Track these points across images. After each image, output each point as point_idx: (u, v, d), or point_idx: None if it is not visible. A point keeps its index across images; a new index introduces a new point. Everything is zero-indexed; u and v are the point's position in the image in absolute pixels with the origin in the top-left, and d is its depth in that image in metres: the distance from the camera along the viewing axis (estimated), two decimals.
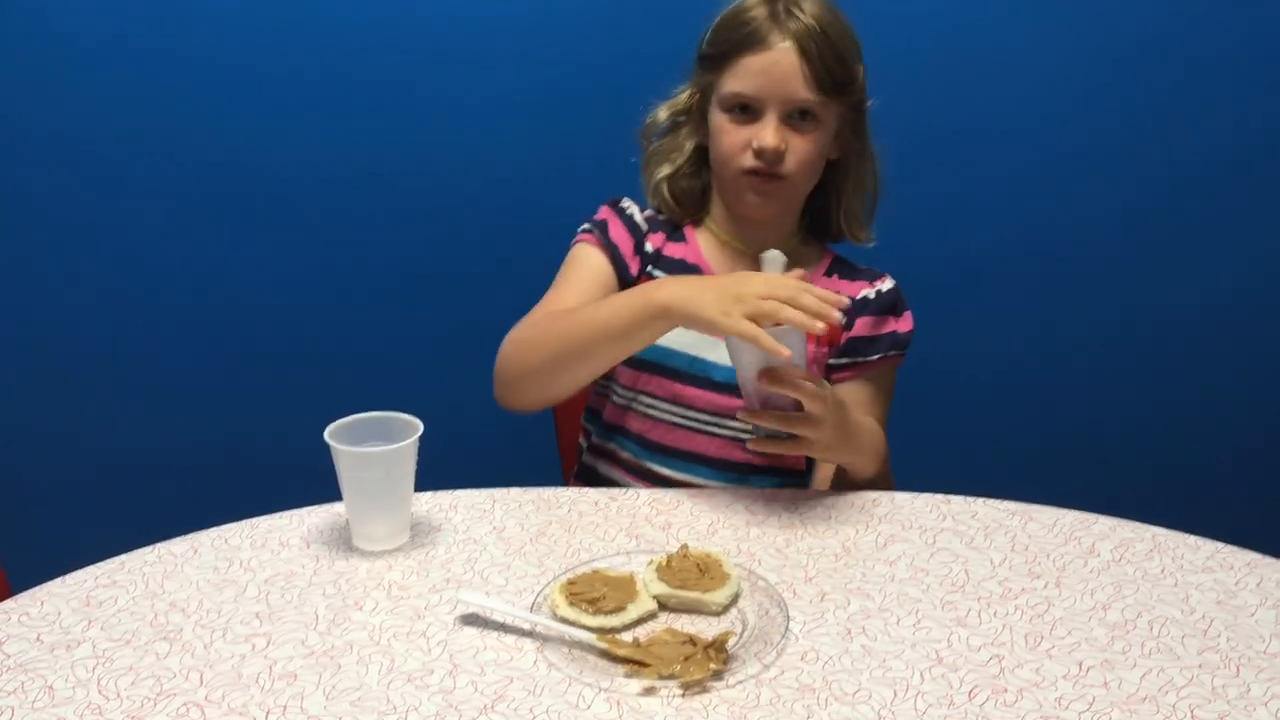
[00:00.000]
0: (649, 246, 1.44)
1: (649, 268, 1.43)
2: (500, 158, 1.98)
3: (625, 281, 1.42)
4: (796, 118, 1.34)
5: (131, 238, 2.01)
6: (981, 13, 1.94)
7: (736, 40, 1.33)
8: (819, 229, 1.49)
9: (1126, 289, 2.10)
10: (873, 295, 1.44)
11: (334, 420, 1.13)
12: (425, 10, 1.92)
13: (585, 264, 1.43)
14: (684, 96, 1.45)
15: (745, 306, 1.13)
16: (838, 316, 1.14)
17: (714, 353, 1.37)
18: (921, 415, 2.08)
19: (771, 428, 1.21)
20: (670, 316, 1.21)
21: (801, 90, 1.32)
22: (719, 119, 1.37)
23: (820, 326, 1.12)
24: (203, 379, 2.10)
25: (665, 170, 1.45)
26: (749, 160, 1.34)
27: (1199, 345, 2.13)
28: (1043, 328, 2.12)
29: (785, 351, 1.11)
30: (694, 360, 1.38)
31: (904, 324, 1.45)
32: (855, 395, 1.41)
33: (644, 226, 1.45)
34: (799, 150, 1.34)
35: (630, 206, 1.48)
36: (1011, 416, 2.17)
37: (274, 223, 2.02)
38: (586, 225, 1.46)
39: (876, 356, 1.42)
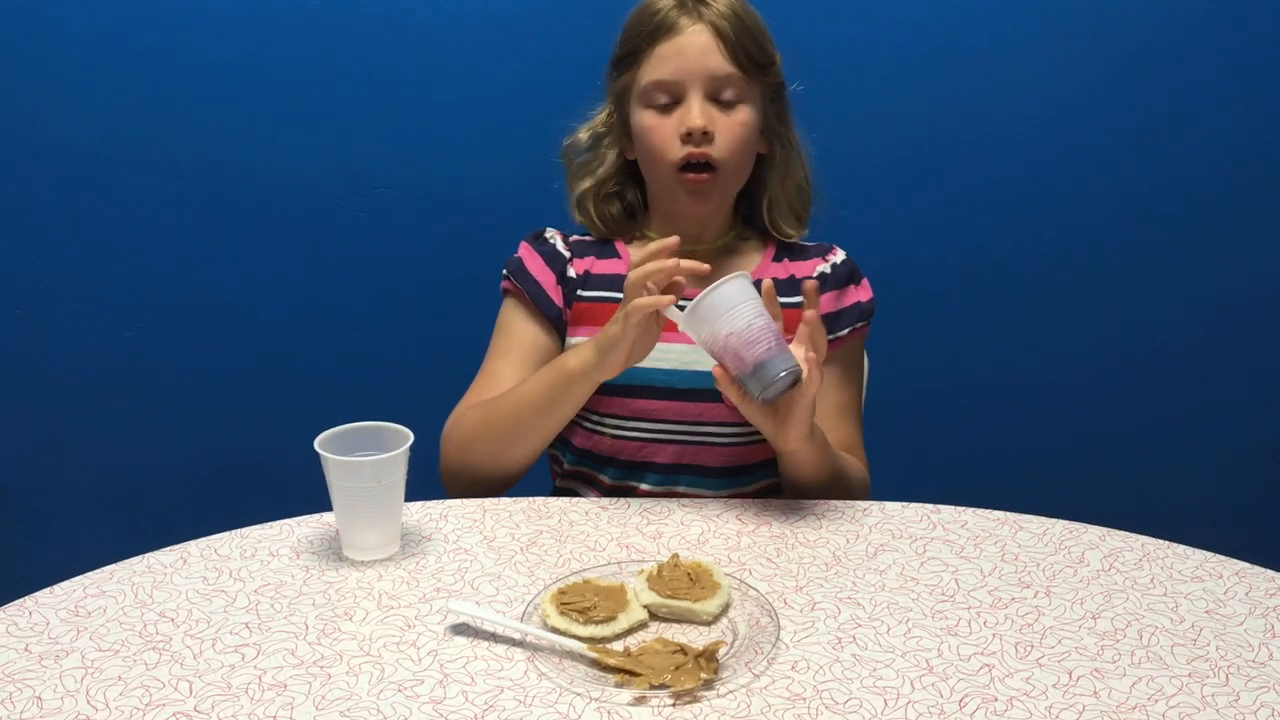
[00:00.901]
0: (572, 273, 1.42)
1: (578, 292, 1.41)
2: (493, 166, 1.98)
3: (553, 320, 1.41)
4: (720, 99, 1.33)
5: (122, 246, 2.01)
6: (975, 16, 1.95)
7: (647, 33, 1.33)
8: (759, 224, 1.47)
9: (1117, 298, 2.11)
10: (828, 270, 1.43)
11: (324, 430, 1.13)
12: (418, 17, 1.92)
13: (510, 330, 1.42)
14: (603, 116, 1.44)
15: (626, 304, 1.19)
16: (703, 267, 1.19)
17: (668, 361, 1.36)
18: (911, 425, 2.09)
19: (787, 367, 1.18)
20: (587, 373, 1.25)
21: (720, 65, 1.31)
22: (642, 117, 1.35)
23: (690, 266, 1.18)
24: (193, 388, 2.10)
25: (586, 184, 1.43)
26: (679, 151, 1.33)
27: (1190, 354, 2.13)
28: (1033, 336, 2.13)
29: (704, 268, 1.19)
30: (649, 372, 1.37)
31: (864, 292, 1.45)
32: (830, 376, 1.41)
33: (567, 254, 1.43)
34: (727, 130, 1.33)
35: (553, 236, 1.46)
36: (1001, 426, 2.17)
37: (266, 232, 2.02)
38: (505, 269, 1.44)
39: (846, 331, 1.42)
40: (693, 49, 1.31)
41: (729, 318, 1.17)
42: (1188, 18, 1.95)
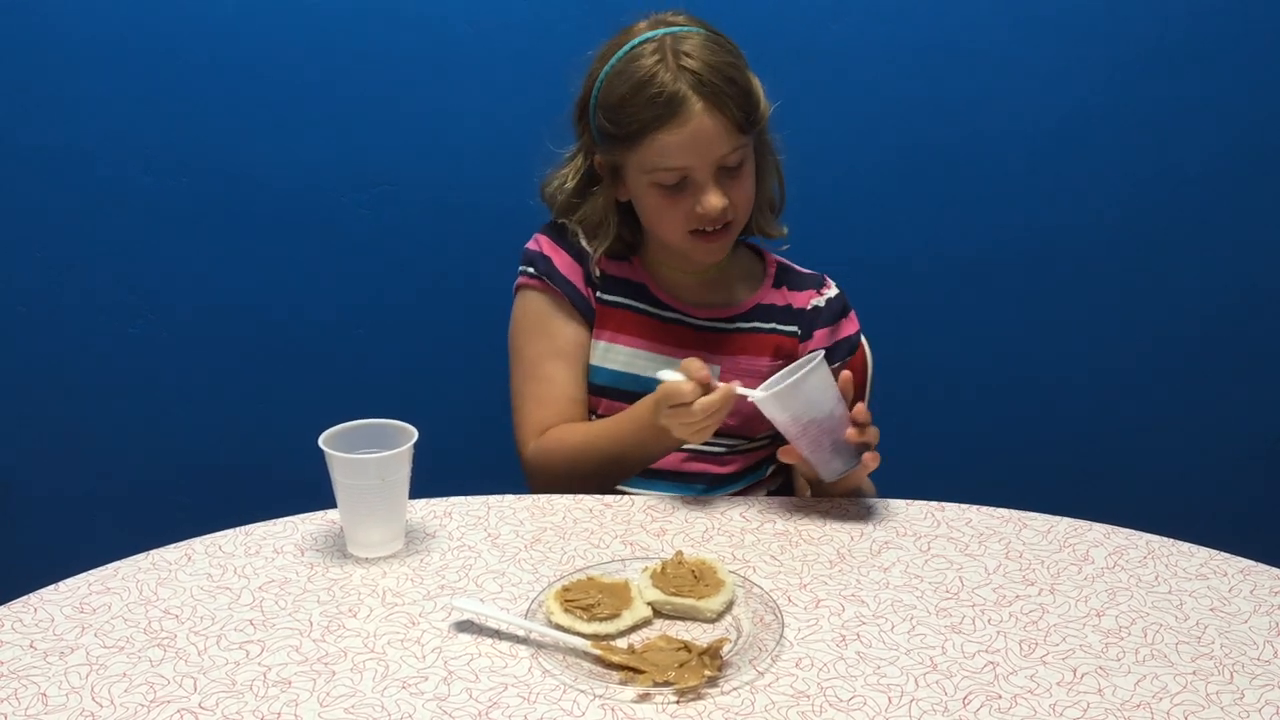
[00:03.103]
0: (596, 271, 1.42)
1: (598, 294, 1.42)
2: (497, 164, 1.97)
3: (587, 317, 1.41)
4: (727, 169, 1.31)
5: (127, 243, 2.00)
6: (976, 16, 1.94)
7: (649, 118, 1.28)
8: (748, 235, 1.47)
9: (1121, 297, 2.10)
10: (823, 304, 1.45)
11: (329, 427, 1.13)
12: (421, 14, 1.92)
13: (551, 331, 1.41)
14: (580, 161, 1.41)
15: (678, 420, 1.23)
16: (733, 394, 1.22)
17: (662, 371, 1.37)
18: (916, 423, 2.09)
19: (857, 457, 1.24)
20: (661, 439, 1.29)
21: (726, 145, 1.29)
22: (648, 194, 1.33)
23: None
24: (198, 385, 2.09)
25: (601, 246, 1.41)
26: (692, 223, 1.32)
27: (1195, 352, 2.13)
28: (1037, 334, 2.12)
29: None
30: (638, 379, 1.38)
31: (852, 325, 1.47)
32: None
33: (590, 250, 1.42)
34: (739, 197, 1.33)
35: (573, 225, 1.43)
36: (1005, 424, 2.17)
37: (270, 229, 2.02)
38: (530, 268, 1.42)
39: (836, 365, 1.42)
40: (703, 138, 1.28)
41: (815, 406, 1.20)
42: (1186, 17, 1.94)
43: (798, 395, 1.19)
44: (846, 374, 1.24)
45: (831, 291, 1.46)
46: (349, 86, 1.95)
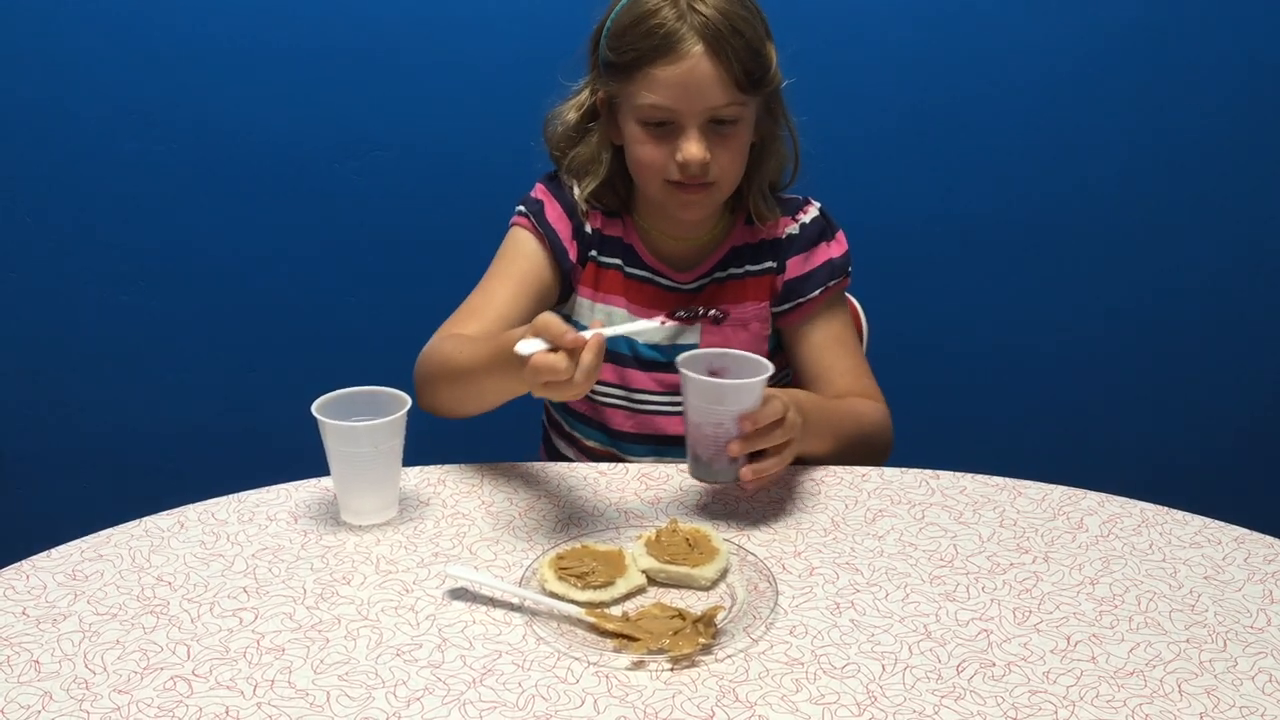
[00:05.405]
0: (588, 227, 1.40)
1: (591, 251, 1.39)
2: (486, 125, 1.96)
3: (563, 270, 1.38)
4: (718, 123, 1.27)
5: (118, 211, 1.99)
6: None
7: (645, 49, 1.25)
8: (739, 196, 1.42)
9: (1119, 263, 2.10)
10: (797, 230, 1.40)
11: (322, 394, 1.12)
12: None
13: (517, 255, 1.38)
14: (586, 94, 1.38)
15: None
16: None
17: (654, 336, 1.36)
18: (911, 390, 2.08)
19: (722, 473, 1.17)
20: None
21: (720, 97, 1.25)
22: (634, 130, 1.30)
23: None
24: (190, 352, 2.09)
25: (590, 185, 1.38)
26: (672, 172, 1.29)
27: (1193, 321, 2.13)
28: (1034, 302, 2.12)
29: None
30: (628, 341, 1.37)
31: (837, 248, 1.41)
32: (815, 336, 1.39)
33: (583, 205, 1.40)
34: (724, 156, 1.29)
35: (569, 179, 1.41)
36: (1001, 391, 2.17)
37: (263, 196, 2.00)
38: (522, 207, 1.41)
39: (817, 292, 1.39)
40: (694, 80, 1.24)
41: (722, 413, 1.12)
42: None
43: (719, 394, 1.13)
44: (775, 402, 1.15)
45: (808, 216, 1.41)
46: (339, 51, 1.93)
